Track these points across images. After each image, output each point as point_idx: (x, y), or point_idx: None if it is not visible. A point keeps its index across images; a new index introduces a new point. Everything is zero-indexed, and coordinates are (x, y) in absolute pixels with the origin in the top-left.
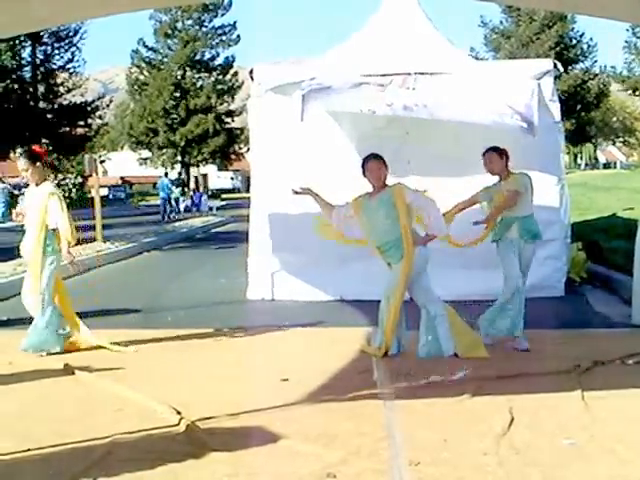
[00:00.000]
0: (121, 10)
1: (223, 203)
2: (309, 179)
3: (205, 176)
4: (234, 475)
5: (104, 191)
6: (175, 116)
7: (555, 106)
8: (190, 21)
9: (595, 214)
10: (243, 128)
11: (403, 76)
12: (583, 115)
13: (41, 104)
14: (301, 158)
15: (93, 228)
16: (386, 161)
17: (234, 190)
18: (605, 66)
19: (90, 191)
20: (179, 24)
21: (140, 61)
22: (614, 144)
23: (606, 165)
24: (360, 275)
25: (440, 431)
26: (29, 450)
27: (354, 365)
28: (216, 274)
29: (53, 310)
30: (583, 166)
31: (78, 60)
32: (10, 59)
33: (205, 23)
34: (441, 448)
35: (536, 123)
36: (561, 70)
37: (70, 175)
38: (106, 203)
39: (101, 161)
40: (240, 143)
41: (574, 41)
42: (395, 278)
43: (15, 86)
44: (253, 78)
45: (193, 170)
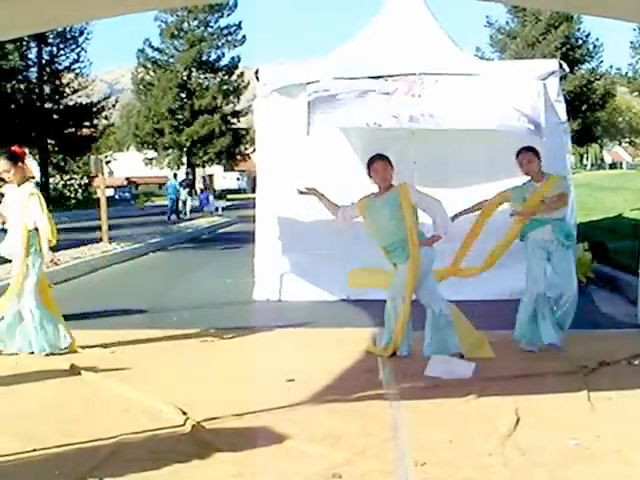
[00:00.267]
0: (127, 11)
1: (229, 203)
2: (314, 179)
3: (211, 176)
4: (239, 475)
5: (110, 192)
6: (181, 117)
7: (561, 106)
8: (196, 22)
9: (601, 214)
10: (249, 129)
11: (408, 83)
12: (589, 115)
13: (47, 104)
14: (307, 159)
15: (99, 229)
16: (392, 161)
17: (240, 191)
18: (611, 66)
19: (96, 192)
20: (185, 25)
21: (146, 62)
22: (620, 144)
23: (612, 165)
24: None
25: (446, 431)
26: (35, 450)
27: (360, 365)
28: (222, 274)
29: (42, 310)
30: (589, 166)
31: (84, 61)
32: (17, 60)
33: (211, 24)
34: (447, 448)
35: (543, 124)
36: (567, 70)
37: (76, 176)
38: (112, 204)
39: (107, 162)
40: (246, 144)
41: (580, 41)
42: (401, 278)
43: (21, 86)
44: (259, 79)
45: (199, 170)
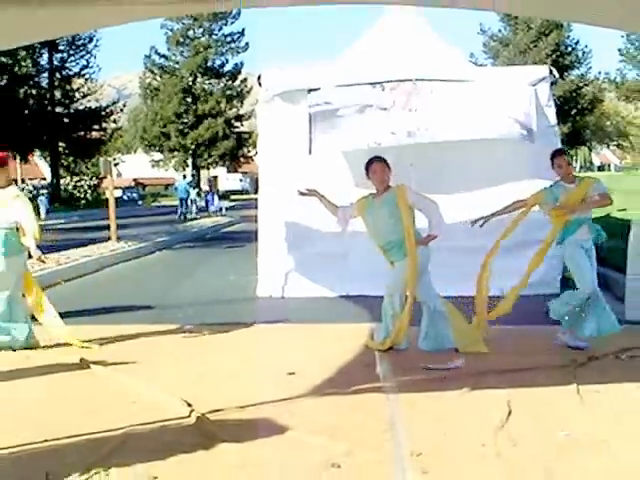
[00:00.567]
0: (134, 19)
1: (232, 204)
2: (315, 181)
3: (215, 178)
4: (242, 465)
5: (118, 192)
6: (186, 120)
7: (551, 111)
8: (201, 29)
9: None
10: (251, 132)
11: (405, 93)
12: (578, 119)
13: (58, 109)
14: (307, 161)
15: (107, 228)
16: (389, 163)
17: (243, 191)
18: (600, 72)
19: (105, 192)
20: (190, 32)
21: (153, 67)
22: (608, 147)
23: (600, 167)
24: (364, 273)
25: (441, 423)
26: (45, 440)
27: (358, 359)
28: (225, 272)
29: (22, 306)
30: (578, 168)
31: (93, 67)
32: (29, 66)
33: (215, 31)
34: (442, 439)
35: (535, 130)
36: (557, 76)
37: (85, 177)
38: (120, 204)
39: (115, 164)
40: (249, 146)
41: (569, 48)
42: (398, 276)
43: (33, 92)
44: (261, 84)
45: (204, 172)
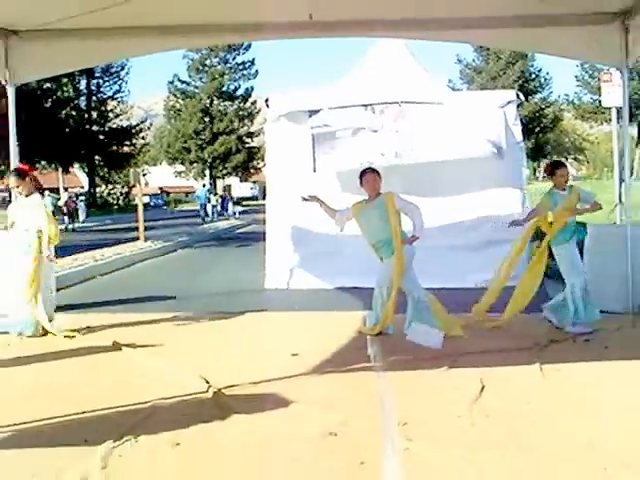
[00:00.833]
0: (160, 50)
1: (244, 209)
2: (315, 189)
3: (229, 186)
4: (252, 433)
5: (146, 199)
6: (204, 137)
7: (518, 129)
8: (217, 59)
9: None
10: (260, 147)
11: (392, 115)
12: (541, 136)
13: (94, 127)
14: (308, 171)
15: (136, 229)
16: (380, 173)
17: (253, 198)
18: (559, 96)
19: (134, 199)
20: (208, 61)
21: (175, 92)
22: (567, 160)
23: None
24: (357, 268)
25: (423, 397)
26: (84, 412)
27: (352, 343)
28: (238, 267)
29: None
30: (540, 178)
31: (124, 91)
32: (69, 91)
33: (229, 60)
34: (424, 411)
35: (504, 147)
36: (522, 99)
37: (118, 185)
38: (147, 209)
39: (143, 174)
40: (258, 159)
41: (533, 75)
42: (387, 270)
43: (73, 113)
44: (268, 106)
45: (219, 182)
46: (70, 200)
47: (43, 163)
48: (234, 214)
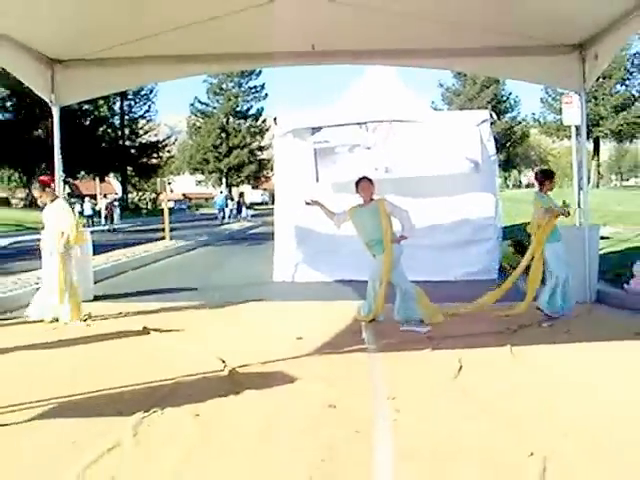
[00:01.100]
0: (183, 75)
1: (255, 212)
2: (317, 194)
3: (243, 193)
4: (262, 406)
5: (171, 204)
6: (221, 150)
7: (491, 144)
8: (232, 83)
9: (520, 220)
10: (269, 159)
11: (383, 137)
12: (511, 150)
13: (127, 142)
14: (311, 181)
15: (162, 230)
16: (373, 181)
17: (263, 203)
18: (526, 115)
19: (161, 204)
20: (224, 85)
21: (196, 112)
22: (533, 170)
23: (527, 185)
24: (353, 263)
25: (409, 375)
26: (117, 388)
27: (348, 328)
28: (250, 262)
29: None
30: (511, 186)
31: (152, 110)
32: (105, 111)
33: (243, 84)
34: (410, 387)
35: (480, 162)
36: (495, 118)
37: (147, 192)
38: (172, 212)
39: (169, 182)
40: (267, 170)
41: (505, 98)
42: (379, 266)
43: (109, 130)
44: (277, 123)
45: (234, 189)
46: (110, 205)
47: (83, 173)
48: (247, 217)
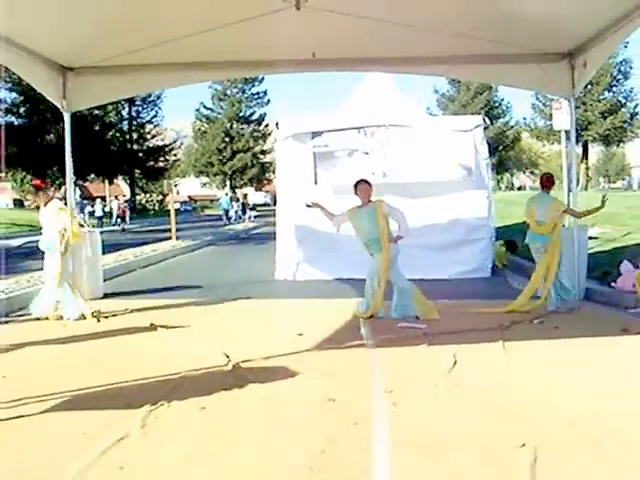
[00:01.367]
0: (189, 82)
1: (258, 213)
2: (315, 196)
3: (246, 195)
4: (265, 399)
5: (177, 205)
6: (225, 154)
7: (484, 148)
8: (236, 89)
9: (512, 221)
10: (271, 162)
11: (380, 142)
12: (503, 153)
13: (135, 146)
14: (310, 183)
15: (169, 230)
16: (371, 184)
17: (265, 204)
18: (518, 121)
19: (167, 205)
20: (228, 91)
21: (201, 117)
22: (524, 173)
23: (519, 188)
24: (352, 262)
25: (406, 369)
26: (126, 381)
27: (347, 324)
28: (253, 261)
29: (68, 286)
30: (503, 188)
31: (159, 116)
32: (114, 116)
33: (246, 90)
34: (407, 381)
35: (474, 168)
36: (488, 123)
37: (154, 194)
38: (178, 213)
39: (175, 185)
40: (269, 172)
41: (497, 104)
42: (376, 264)
43: (117, 134)
44: (278, 128)
45: (238, 191)
46: (123, 206)
47: (92, 176)
48: (250, 218)
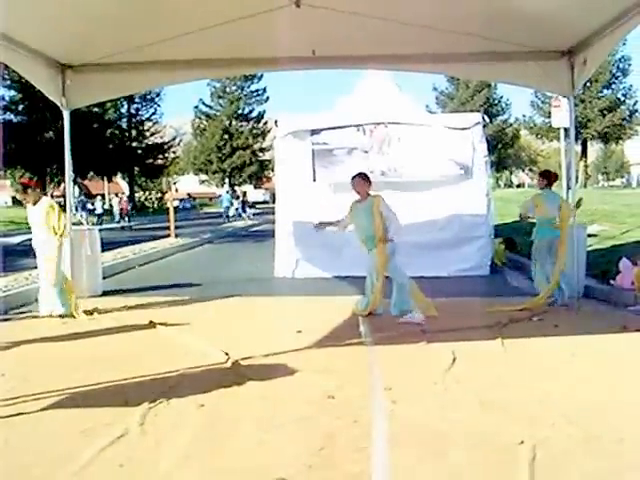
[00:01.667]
0: (188, 79)
1: (257, 211)
2: (314, 194)
3: (245, 192)
4: (265, 396)
5: (176, 202)
6: (224, 151)
7: (483, 146)
8: (235, 87)
9: (511, 219)
10: (270, 159)
11: (379, 143)
12: (502, 151)
13: (134, 144)
14: (309, 181)
15: (168, 228)
16: (370, 177)
17: (264, 202)
18: (517, 118)
19: (166, 203)
20: (227, 89)
21: (200, 114)
22: (523, 171)
23: (518, 185)
24: (351, 259)
25: (405, 367)
26: (125, 379)
27: (347, 322)
28: (252, 259)
29: (63, 284)
30: (502, 186)
31: (158, 113)
32: (113, 113)
33: (245, 88)
34: (406, 378)
35: (471, 166)
36: (487, 121)
37: (153, 192)
38: (177, 211)
39: (174, 182)
40: (268, 170)
41: (496, 101)
42: (373, 261)
43: (116, 132)
44: (277, 125)
45: (237, 188)
46: (124, 202)
47: (92, 173)
48: (249, 216)
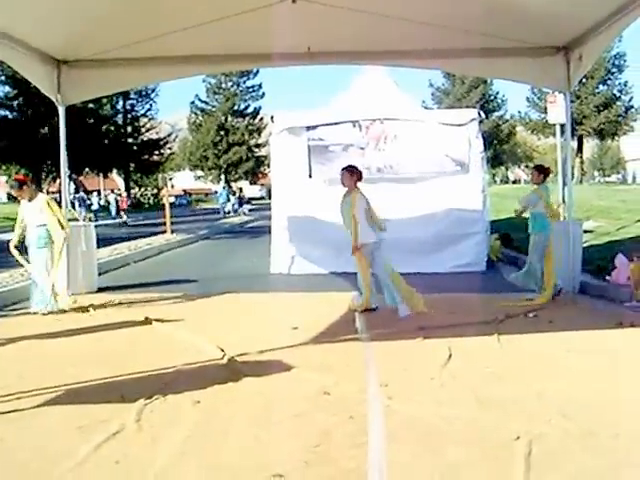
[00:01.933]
0: (184, 75)
1: (253, 207)
2: (310, 190)
3: (241, 188)
4: (260, 393)
5: (172, 199)
6: (220, 147)
7: (479, 142)
8: (230, 82)
9: (507, 214)
10: (266, 155)
11: (375, 139)
12: (498, 147)
13: (129, 140)
14: (305, 177)
15: (164, 224)
16: (358, 170)
17: (260, 198)
18: (512, 115)
19: (162, 199)
20: (223, 85)
21: (196, 110)
22: (519, 167)
23: (514, 181)
24: (346, 255)
25: (401, 363)
26: (121, 375)
27: (343, 318)
28: (248, 255)
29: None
30: (498, 182)
31: (154, 109)
32: (109, 109)
33: (241, 84)
34: (402, 374)
35: (467, 162)
36: (483, 117)
37: (149, 188)
38: (173, 207)
39: (170, 178)
40: (264, 166)
41: (492, 97)
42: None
43: (112, 128)
44: (273, 121)
45: (233, 184)
46: (124, 199)
47: (87, 169)
48: (244, 212)
